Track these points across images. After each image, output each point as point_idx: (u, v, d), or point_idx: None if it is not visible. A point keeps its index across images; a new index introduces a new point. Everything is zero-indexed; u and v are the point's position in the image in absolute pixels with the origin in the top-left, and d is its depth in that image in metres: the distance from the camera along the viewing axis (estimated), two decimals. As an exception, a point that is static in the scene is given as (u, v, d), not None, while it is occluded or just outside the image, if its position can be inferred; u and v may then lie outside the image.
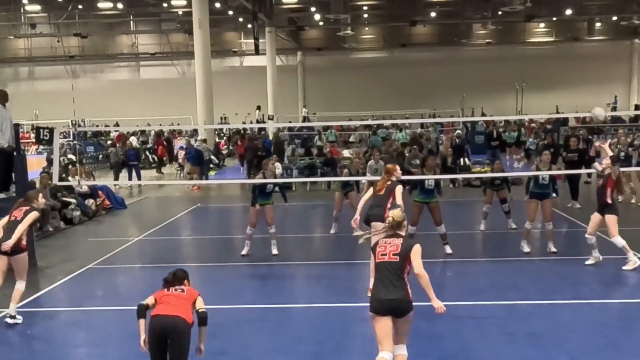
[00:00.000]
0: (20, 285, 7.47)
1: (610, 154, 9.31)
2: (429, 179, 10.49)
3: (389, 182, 8.33)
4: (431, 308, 7.37)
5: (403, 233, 5.31)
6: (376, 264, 5.18)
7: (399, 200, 7.99)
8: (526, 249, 10.16)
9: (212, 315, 7.76)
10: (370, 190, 8.62)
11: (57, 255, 11.17)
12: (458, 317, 7.26)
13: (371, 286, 5.50)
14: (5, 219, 7.57)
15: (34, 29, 49.13)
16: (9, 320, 7.37)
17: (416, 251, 5.09)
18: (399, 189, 8.17)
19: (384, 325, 4.96)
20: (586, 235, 9.27)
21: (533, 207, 10.07)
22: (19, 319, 7.42)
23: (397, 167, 8.67)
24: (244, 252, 10.44)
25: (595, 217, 9.16)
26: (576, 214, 12.99)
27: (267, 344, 6.64)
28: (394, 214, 5.37)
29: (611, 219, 8.94)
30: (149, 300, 5.29)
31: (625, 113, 44.76)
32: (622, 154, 14.55)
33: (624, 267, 8.91)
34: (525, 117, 32.96)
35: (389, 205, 7.96)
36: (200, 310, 5.34)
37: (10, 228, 7.38)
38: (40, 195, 8.06)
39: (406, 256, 5.05)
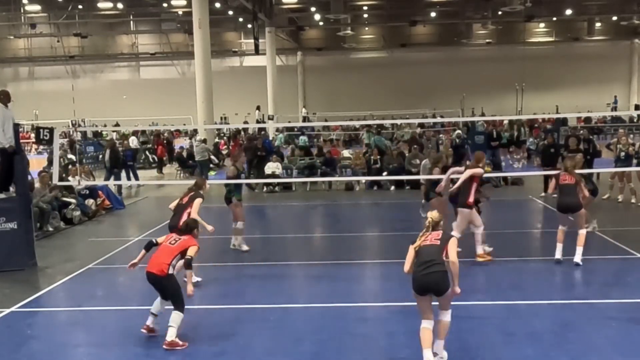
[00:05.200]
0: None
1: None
2: (429, 178, 10.51)
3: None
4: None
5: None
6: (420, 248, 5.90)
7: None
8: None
9: (212, 315, 7.82)
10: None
11: (57, 255, 11.16)
12: (458, 317, 7.24)
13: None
14: (175, 202, 8.85)
15: (34, 29, 49.11)
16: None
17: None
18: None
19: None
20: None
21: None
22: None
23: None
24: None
25: None
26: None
27: (267, 344, 6.64)
28: (433, 215, 6.12)
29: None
30: (160, 239, 6.87)
31: (625, 113, 44.82)
32: (622, 153, 14.54)
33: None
34: (523, 117, 32.91)
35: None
36: (186, 257, 6.57)
37: (177, 210, 8.56)
38: (206, 182, 9.40)
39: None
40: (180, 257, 6.64)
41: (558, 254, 9.36)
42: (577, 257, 9.12)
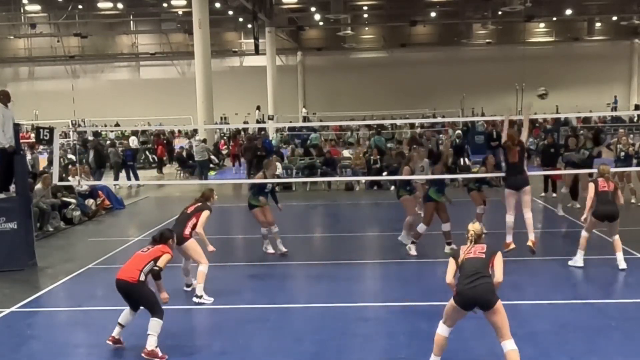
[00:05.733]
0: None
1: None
2: (424, 178, 10.60)
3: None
4: (431, 308, 7.39)
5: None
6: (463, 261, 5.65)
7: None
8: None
9: (212, 315, 7.83)
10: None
11: (57, 255, 11.16)
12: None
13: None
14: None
15: (34, 29, 49.10)
16: (195, 299, 7.91)
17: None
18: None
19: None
20: None
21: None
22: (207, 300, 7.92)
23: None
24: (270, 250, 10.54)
25: None
26: (576, 214, 12.98)
27: (267, 344, 6.64)
28: (475, 227, 5.83)
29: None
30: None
31: (625, 113, 44.81)
32: (622, 153, 14.55)
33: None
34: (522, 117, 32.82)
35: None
36: (154, 267, 6.31)
37: (180, 219, 8.22)
38: (214, 193, 8.72)
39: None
40: (153, 265, 6.36)
41: (581, 261, 9.15)
42: (622, 263, 8.91)
